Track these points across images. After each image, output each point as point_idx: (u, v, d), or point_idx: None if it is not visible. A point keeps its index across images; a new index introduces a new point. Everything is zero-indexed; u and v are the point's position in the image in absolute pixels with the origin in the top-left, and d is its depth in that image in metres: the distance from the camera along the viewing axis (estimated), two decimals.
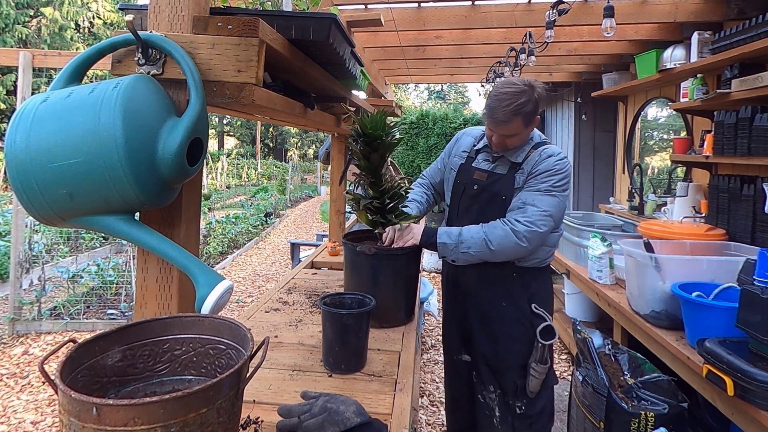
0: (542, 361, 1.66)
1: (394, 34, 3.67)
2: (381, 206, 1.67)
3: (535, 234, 1.59)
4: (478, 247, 1.62)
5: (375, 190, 1.68)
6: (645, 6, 3.29)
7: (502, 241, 1.59)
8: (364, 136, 1.59)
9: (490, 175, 1.76)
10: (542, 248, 1.72)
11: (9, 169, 0.80)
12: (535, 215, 1.60)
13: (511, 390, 1.72)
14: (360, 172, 1.69)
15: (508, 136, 1.65)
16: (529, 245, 1.60)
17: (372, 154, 1.61)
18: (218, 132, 27.69)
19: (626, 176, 4.82)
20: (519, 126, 1.62)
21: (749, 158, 2.43)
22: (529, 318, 1.72)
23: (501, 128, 1.63)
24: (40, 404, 2.82)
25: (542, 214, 1.60)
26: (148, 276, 1.00)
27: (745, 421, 1.49)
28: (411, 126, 8.36)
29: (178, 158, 0.87)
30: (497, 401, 1.76)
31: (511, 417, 1.72)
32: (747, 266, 1.81)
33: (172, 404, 0.62)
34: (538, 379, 1.67)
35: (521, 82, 1.60)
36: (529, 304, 1.72)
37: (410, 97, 27.56)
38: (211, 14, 1.02)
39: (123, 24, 1.93)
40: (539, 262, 1.74)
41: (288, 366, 1.33)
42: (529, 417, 1.71)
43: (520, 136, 1.67)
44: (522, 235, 1.58)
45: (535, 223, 1.59)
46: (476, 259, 1.64)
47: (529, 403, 1.71)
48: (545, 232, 1.62)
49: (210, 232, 7.21)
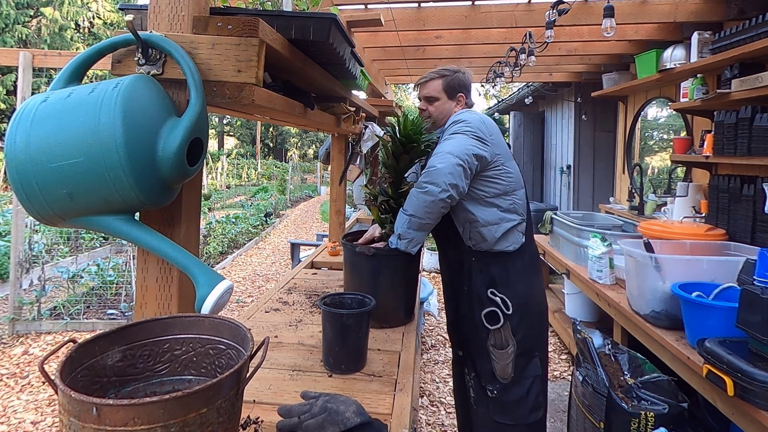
0: (500, 347, 1.65)
1: (394, 34, 3.67)
2: (396, 207, 1.69)
3: (431, 174, 1.52)
4: (400, 222, 1.58)
5: (394, 191, 1.70)
6: (645, 6, 3.29)
7: (411, 200, 1.56)
8: (400, 137, 1.61)
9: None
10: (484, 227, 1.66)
11: (9, 169, 0.80)
12: (431, 160, 1.56)
13: (483, 373, 1.72)
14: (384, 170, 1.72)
15: (428, 99, 1.81)
16: (434, 187, 1.51)
17: (402, 156, 1.63)
18: (218, 132, 27.68)
19: (626, 176, 4.82)
20: (438, 87, 1.79)
21: (749, 158, 2.43)
22: (485, 303, 1.69)
23: (423, 86, 1.82)
24: (40, 404, 2.82)
25: (437, 156, 1.56)
26: (148, 276, 1.00)
27: (745, 421, 1.49)
28: None
29: (178, 158, 0.87)
30: (473, 384, 1.77)
31: (486, 399, 1.71)
32: (747, 266, 1.81)
33: (172, 404, 0.62)
34: (501, 364, 1.65)
35: (455, 66, 1.84)
36: (487, 290, 1.69)
37: (410, 97, 27.55)
38: (211, 14, 1.02)
39: (123, 24, 1.94)
40: (495, 246, 1.68)
41: (288, 366, 1.33)
42: (505, 402, 1.67)
43: (441, 105, 1.80)
44: (420, 183, 1.54)
45: (430, 165, 1.54)
46: (413, 234, 1.57)
47: (502, 388, 1.67)
48: (444, 167, 1.52)
49: (210, 232, 7.21)
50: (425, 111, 1.83)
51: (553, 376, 3.21)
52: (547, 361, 1.84)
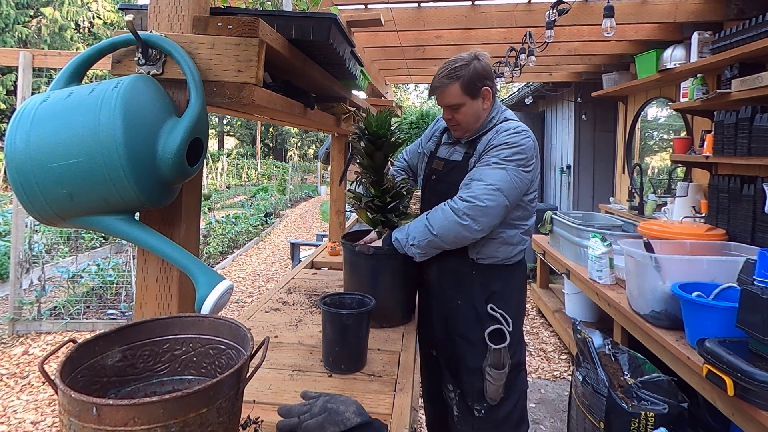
0: (497, 367, 1.53)
1: (394, 34, 3.67)
2: (382, 205, 1.67)
3: (477, 209, 1.41)
4: (422, 235, 1.47)
5: (377, 189, 1.68)
6: (645, 6, 3.29)
7: (443, 223, 1.44)
8: (368, 135, 1.59)
9: (446, 164, 1.66)
10: (502, 245, 1.57)
11: (9, 169, 0.80)
12: (479, 189, 1.42)
13: (469, 392, 1.61)
14: (362, 170, 1.69)
15: (452, 107, 1.57)
16: (474, 223, 1.42)
17: (376, 153, 1.61)
18: (218, 132, 27.68)
19: (626, 176, 4.82)
20: (457, 92, 1.53)
21: (749, 158, 2.43)
22: (484, 320, 1.58)
23: (441, 96, 1.56)
24: (40, 404, 2.82)
25: (488, 188, 1.42)
26: (148, 276, 1.00)
27: (745, 421, 1.49)
28: (411, 126, 8.37)
29: (178, 158, 0.87)
30: (456, 401, 1.65)
31: (472, 418, 1.61)
32: (747, 266, 1.81)
33: (172, 404, 0.62)
34: (495, 385, 1.54)
35: (466, 54, 1.56)
36: (486, 305, 1.58)
37: (410, 97, 27.55)
38: (211, 14, 1.02)
39: (123, 24, 1.94)
40: (502, 260, 1.59)
41: (288, 366, 1.33)
42: (493, 420, 1.59)
43: (468, 108, 1.56)
44: (462, 212, 1.42)
45: (477, 197, 1.41)
46: (428, 250, 1.49)
47: (490, 408, 1.58)
48: (492, 207, 1.42)
49: (210, 232, 7.21)
50: (452, 120, 1.61)
51: (553, 376, 3.21)
52: None
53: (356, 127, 1.64)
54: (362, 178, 1.71)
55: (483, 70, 1.54)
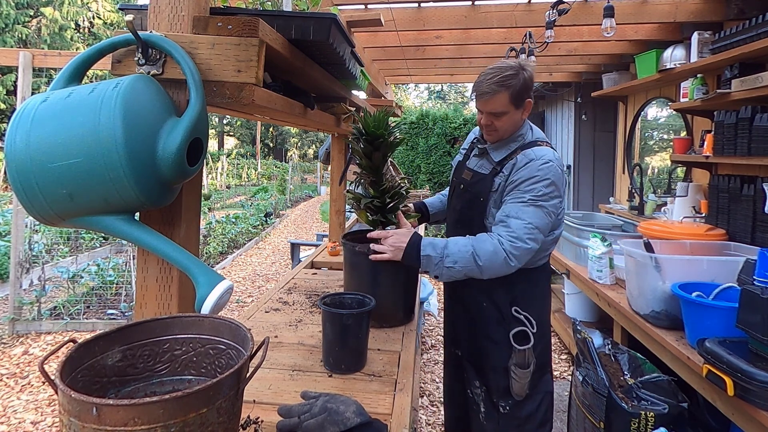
0: (522, 366, 1.57)
1: (394, 34, 3.67)
2: (381, 205, 1.67)
3: (521, 250, 1.48)
4: (465, 261, 1.48)
5: (376, 190, 1.68)
6: (645, 6, 3.29)
7: (492, 257, 1.47)
8: (366, 135, 1.59)
9: (474, 175, 1.70)
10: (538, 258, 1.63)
11: (9, 169, 0.80)
12: (520, 229, 1.48)
13: (495, 389, 1.67)
14: (361, 171, 1.69)
15: (495, 115, 1.56)
16: (518, 263, 1.49)
17: (374, 153, 1.61)
18: (218, 132, 27.68)
19: (626, 176, 4.82)
20: (505, 102, 1.53)
21: (749, 158, 2.43)
22: (509, 321, 1.62)
23: (486, 103, 1.55)
24: (40, 404, 2.82)
25: (527, 228, 1.48)
26: (148, 276, 1.00)
27: (745, 421, 1.49)
28: (411, 126, 8.37)
29: (178, 158, 0.87)
30: (482, 397, 1.71)
31: (497, 414, 1.67)
32: (747, 266, 1.81)
33: (172, 404, 0.62)
34: (521, 383, 1.59)
35: (513, 62, 1.56)
36: (511, 307, 1.63)
37: (410, 97, 27.55)
38: (211, 14, 1.02)
39: (123, 24, 1.93)
40: (527, 264, 1.62)
41: (288, 366, 1.33)
42: (516, 418, 1.65)
43: (510, 117, 1.57)
44: (509, 252, 1.47)
45: (520, 237, 1.48)
46: (460, 276, 1.50)
47: (515, 404, 1.64)
48: (534, 248, 1.50)
49: (210, 232, 7.21)
50: (491, 126, 1.60)
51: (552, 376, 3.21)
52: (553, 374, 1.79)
53: (354, 128, 1.64)
54: (361, 179, 1.71)
55: (530, 82, 1.56)
